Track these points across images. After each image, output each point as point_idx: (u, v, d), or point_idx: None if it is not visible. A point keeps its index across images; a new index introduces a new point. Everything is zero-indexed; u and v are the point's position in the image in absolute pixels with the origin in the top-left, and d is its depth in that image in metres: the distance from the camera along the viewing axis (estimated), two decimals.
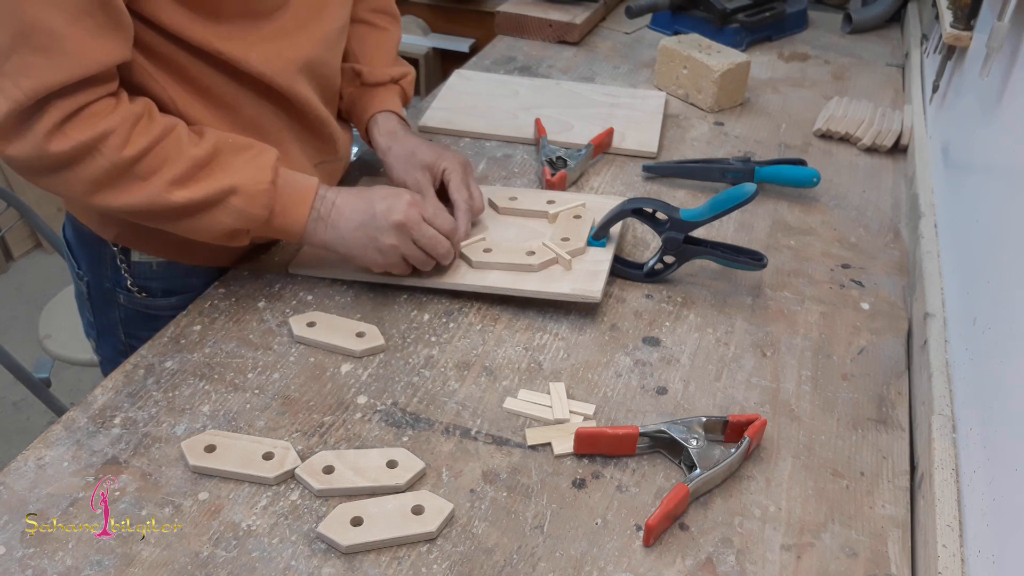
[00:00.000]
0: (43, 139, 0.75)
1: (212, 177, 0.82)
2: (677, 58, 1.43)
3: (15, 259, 2.75)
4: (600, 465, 0.76)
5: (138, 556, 0.67)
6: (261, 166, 0.84)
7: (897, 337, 0.93)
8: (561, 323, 0.93)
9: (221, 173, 0.82)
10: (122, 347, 1.05)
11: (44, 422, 2.13)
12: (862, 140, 1.30)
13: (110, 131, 0.77)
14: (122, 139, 0.78)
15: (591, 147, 1.21)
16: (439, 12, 2.67)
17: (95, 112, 0.77)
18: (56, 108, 0.75)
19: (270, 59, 0.88)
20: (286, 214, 0.87)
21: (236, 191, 0.83)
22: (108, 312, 1.03)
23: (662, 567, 0.68)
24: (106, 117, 0.77)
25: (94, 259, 1.00)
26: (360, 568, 0.67)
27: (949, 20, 1.18)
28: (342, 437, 0.78)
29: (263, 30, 0.87)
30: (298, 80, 0.92)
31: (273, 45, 0.88)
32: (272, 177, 0.84)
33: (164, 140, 0.80)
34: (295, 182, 0.87)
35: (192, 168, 0.81)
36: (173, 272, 0.99)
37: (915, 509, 0.74)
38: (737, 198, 0.92)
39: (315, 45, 0.93)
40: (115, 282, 1.00)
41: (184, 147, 0.81)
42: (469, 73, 1.50)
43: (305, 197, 0.87)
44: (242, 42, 0.85)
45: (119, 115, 0.78)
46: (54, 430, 0.77)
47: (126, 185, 0.80)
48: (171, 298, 1.00)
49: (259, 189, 0.83)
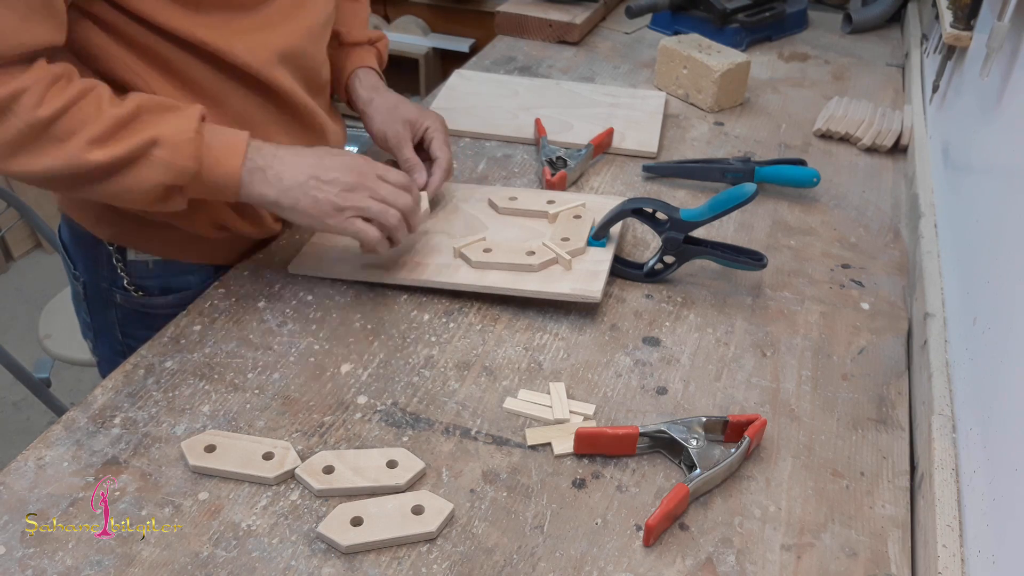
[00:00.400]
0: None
1: (134, 133, 0.78)
2: (677, 58, 1.43)
3: (15, 259, 2.75)
4: (600, 465, 0.76)
5: (138, 556, 0.67)
6: (186, 117, 0.80)
7: (897, 337, 0.93)
8: (561, 323, 0.93)
9: (143, 129, 0.78)
10: (120, 347, 1.05)
11: (44, 422, 2.13)
12: (862, 140, 1.30)
13: (22, 90, 0.74)
14: (36, 98, 0.75)
15: (591, 147, 1.21)
16: (439, 12, 2.67)
17: (8, 72, 0.74)
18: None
19: (254, 49, 0.87)
20: (217, 166, 0.81)
21: (158, 143, 0.78)
22: (105, 312, 1.03)
23: (662, 567, 0.68)
24: (18, 76, 0.74)
25: (90, 259, 1.00)
26: (360, 568, 0.67)
27: (949, 20, 1.18)
28: (342, 437, 0.78)
29: (247, 21, 0.87)
30: (279, 70, 0.91)
31: (257, 36, 0.88)
32: (197, 127, 0.80)
33: (82, 100, 0.77)
34: (224, 132, 0.83)
35: (113, 127, 0.77)
36: (170, 270, 0.99)
37: (915, 509, 0.74)
38: (737, 198, 0.92)
39: (300, 36, 0.93)
40: (111, 282, 1.00)
41: (104, 106, 0.78)
42: (469, 73, 1.50)
43: (237, 147, 0.82)
44: (226, 31, 0.85)
45: (33, 75, 0.75)
46: (54, 430, 0.77)
47: (43, 147, 0.76)
48: (168, 296, 1.00)
49: (184, 139, 0.79)
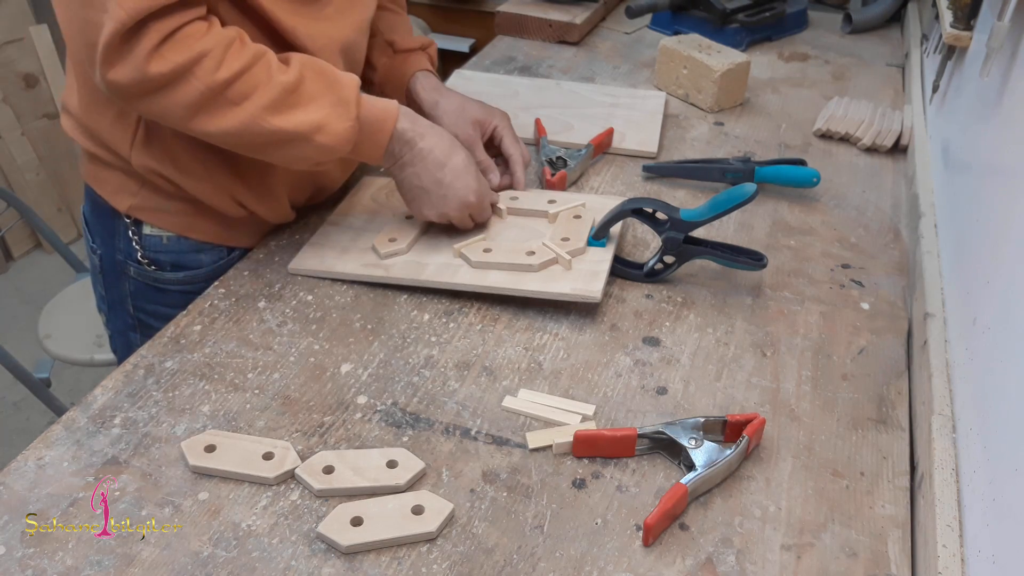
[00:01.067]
0: (144, 61, 0.77)
1: (300, 108, 0.85)
2: (677, 58, 1.43)
3: (15, 259, 2.75)
4: (600, 465, 0.76)
5: (138, 556, 0.67)
6: (345, 101, 0.87)
7: (897, 337, 0.93)
8: (561, 323, 0.93)
9: (309, 104, 0.85)
10: (131, 320, 1.07)
11: (44, 422, 2.13)
12: (862, 140, 1.30)
13: (205, 53, 0.79)
14: (216, 62, 0.80)
15: (591, 147, 1.21)
16: (439, 12, 2.66)
17: (190, 34, 0.79)
18: (155, 29, 0.77)
19: (316, 36, 0.91)
20: (362, 148, 0.91)
21: (322, 129, 0.85)
22: (118, 284, 1.05)
23: (662, 567, 0.68)
24: (201, 39, 0.79)
25: (108, 232, 1.02)
26: (360, 568, 0.67)
27: (949, 20, 1.18)
28: (342, 437, 0.78)
29: (314, 10, 0.91)
30: (336, 59, 0.95)
31: (320, 24, 0.92)
32: (355, 113, 0.87)
33: (255, 66, 0.82)
34: (375, 106, 0.91)
35: (282, 94, 0.83)
36: (183, 247, 1.01)
37: (915, 509, 0.74)
38: (737, 198, 0.92)
39: (354, 29, 0.98)
40: (127, 254, 1.02)
41: (273, 72, 0.83)
42: (469, 73, 1.50)
43: (382, 133, 0.91)
44: (294, 13, 0.89)
45: (213, 38, 0.80)
46: (54, 430, 0.77)
47: (220, 110, 0.82)
48: (179, 273, 1.02)
49: (343, 127, 0.87)
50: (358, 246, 1.00)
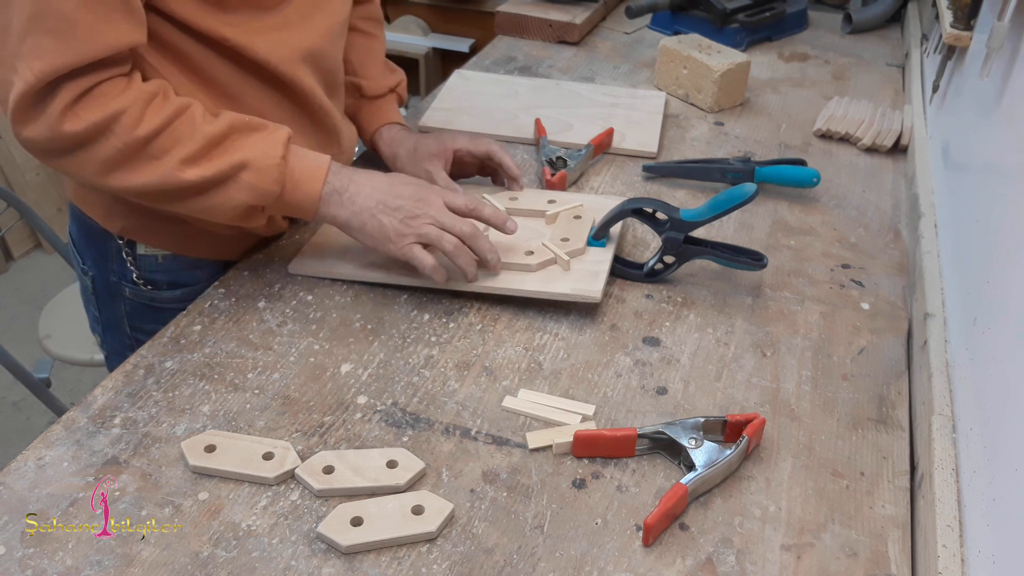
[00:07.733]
0: (56, 120, 0.76)
1: (225, 154, 0.82)
2: (677, 58, 1.43)
3: (15, 259, 2.75)
4: (600, 465, 0.76)
5: (138, 556, 0.67)
6: (273, 142, 0.85)
7: (897, 337, 0.93)
8: (561, 323, 0.93)
9: (233, 150, 0.83)
10: (128, 340, 1.06)
11: (44, 422, 2.13)
12: (862, 140, 1.30)
13: (122, 111, 0.78)
14: (135, 118, 0.79)
15: (591, 147, 1.21)
16: (439, 12, 2.67)
17: (106, 92, 0.78)
18: (67, 89, 0.76)
19: (275, 48, 0.89)
20: (298, 189, 0.86)
21: (247, 166, 0.83)
22: (114, 306, 1.04)
23: (662, 567, 0.68)
24: (117, 97, 0.78)
25: (99, 253, 1.01)
26: (360, 568, 0.67)
27: (949, 20, 1.18)
28: (342, 437, 0.78)
29: (268, 20, 0.89)
30: (301, 69, 0.93)
31: (278, 34, 0.89)
32: (283, 152, 0.85)
33: (178, 119, 0.81)
34: (307, 156, 0.88)
35: (205, 147, 0.81)
36: (178, 265, 1.00)
37: (915, 509, 0.74)
38: (737, 198, 0.92)
39: (319, 36, 0.95)
40: (121, 275, 1.01)
41: (198, 125, 0.82)
42: (469, 73, 1.50)
43: (318, 171, 0.87)
44: (247, 29, 0.87)
45: (131, 95, 0.79)
46: (54, 430, 0.77)
47: (139, 165, 0.80)
48: (176, 291, 1.01)
49: (270, 163, 0.84)
50: (358, 246, 1.00)
